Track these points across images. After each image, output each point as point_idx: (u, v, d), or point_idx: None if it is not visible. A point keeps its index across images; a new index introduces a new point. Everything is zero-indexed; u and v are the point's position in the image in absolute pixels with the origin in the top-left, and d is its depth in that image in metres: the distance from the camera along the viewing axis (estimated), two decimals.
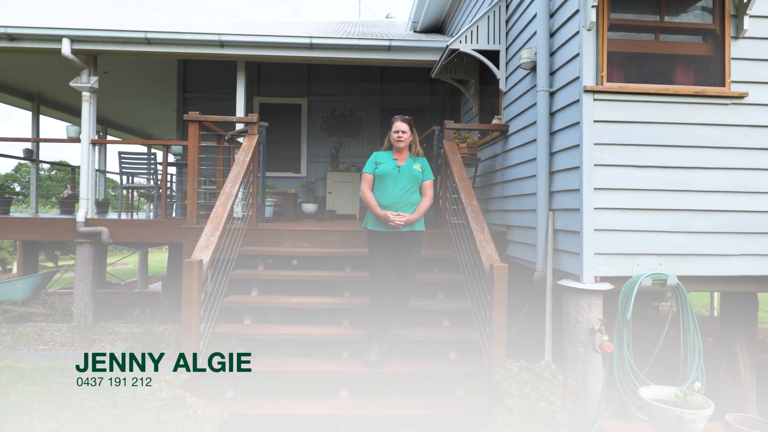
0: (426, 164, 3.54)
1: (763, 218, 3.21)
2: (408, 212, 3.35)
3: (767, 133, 3.20)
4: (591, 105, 3.13)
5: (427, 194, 3.47)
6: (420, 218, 3.42)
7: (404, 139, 3.45)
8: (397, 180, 3.37)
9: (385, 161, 3.45)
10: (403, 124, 3.46)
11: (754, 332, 4.02)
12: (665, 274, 3.10)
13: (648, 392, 2.73)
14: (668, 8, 3.27)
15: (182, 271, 2.95)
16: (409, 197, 3.39)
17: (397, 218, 3.29)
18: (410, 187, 3.39)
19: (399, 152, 3.50)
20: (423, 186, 3.48)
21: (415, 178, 3.41)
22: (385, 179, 3.39)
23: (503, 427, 2.56)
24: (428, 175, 3.52)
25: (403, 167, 3.42)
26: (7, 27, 5.63)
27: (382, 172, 3.41)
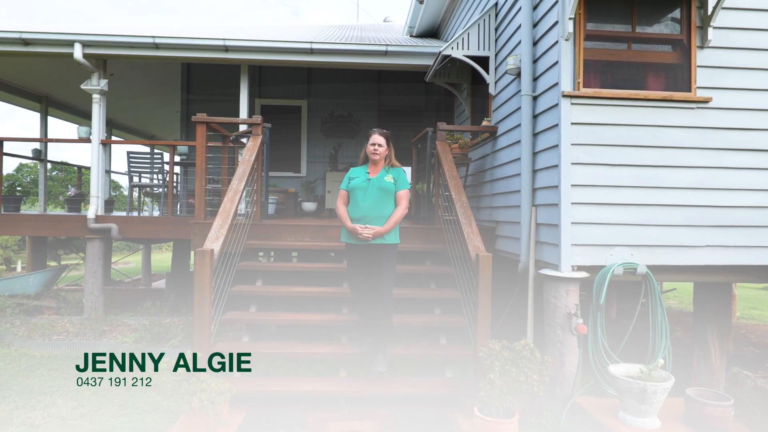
0: (401, 174, 3.49)
1: (725, 212, 3.51)
2: (377, 225, 3.34)
3: (729, 134, 3.50)
4: (569, 108, 3.42)
5: (401, 204, 3.43)
6: (392, 230, 3.39)
7: (380, 153, 3.43)
8: (367, 193, 3.37)
9: (358, 175, 3.47)
10: (380, 138, 3.45)
11: (726, 321, 4.31)
12: (635, 263, 3.39)
13: (617, 369, 3.02)
14: (640, 20, 3.56)
15: (194, 260, 3.24)
16: (378, 210, 3.36)
17: (364, 231, 3.29)
18: (380, 200, 3.37)
19: (374, 165, 3.50)
20: (397, 196, 3.44)
21: (384, 190, 3.38)
22: (356, 193, 3.40)
23: (485, 399, 2.84)
24: (402, 184, 3.46)
25: (374, 180, 3.41)
26: (22, 32, 5.92)
27: (353, 186, 3.42)
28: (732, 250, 3.53)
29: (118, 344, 5.11)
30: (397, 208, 3.43)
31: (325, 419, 3.17)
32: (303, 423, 3.12)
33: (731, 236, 3.52)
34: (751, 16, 3.53)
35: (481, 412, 2.84)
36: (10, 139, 6.62)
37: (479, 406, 2.88)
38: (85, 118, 10.90)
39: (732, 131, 3.51)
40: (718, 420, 2.75)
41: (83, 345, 5.11)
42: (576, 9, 3.40)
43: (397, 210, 3.42)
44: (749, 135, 3.52)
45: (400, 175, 3.49)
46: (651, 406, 2.81)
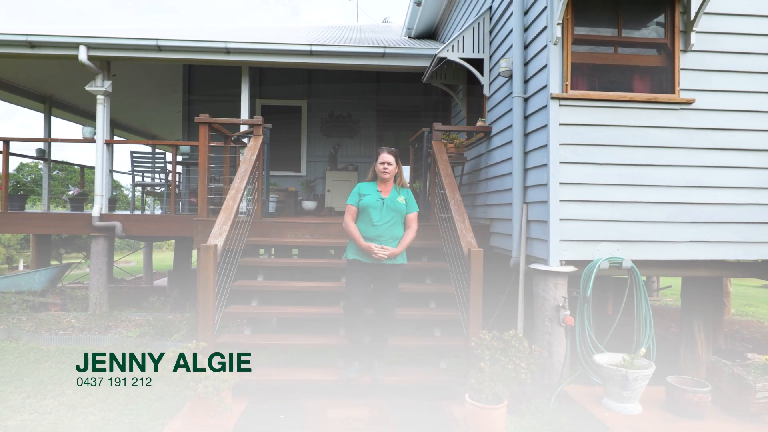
0: (410, 196, 3.53)
1: (706, 209, 3.66)
2: (391, 245, 3.35)
3: (711, 134, 3.65)
4: (557, 110, 3.57)
5: (411, 227, 3.46)
6: (403, 251, 3.42)
7: (389, 171, 3.42)
8: (382, 212, 3.37)
9: (369, 193, 3.44)
10: (390, 156, 3.44)
11: (711, 315, 4.46)
12: (621, 258, 3.54)
13: (602, 358, 3.18)
14: (625, 24, 3.71)
15: (199, 255, 3.38)
16: (393, 230, 3.38)
17: (381, 251, 3.29)
18: (394, 220, 3.39)
19: (384, 183, 3.48)
20: (407, 218, 3.47)
21: (398, 211, 3.40)
22: (369, 211, 3.37)
23: (476, 386, 2.99)
24: (412, 207, 3.49)
25: (387, 200, 3.41)
26: (28, 35, 6.06)
27: (366, 204, 3.38)
28: (714, 245, 3.68)
29: (122, 339, 5.25)
30: (409, 230, 3.45)
31: (323, 406, 3.32)
32: (303, 410, 3.28)
33: (713, 232, 3.66)
34: (732, 21, 3.68)
35: (472, 399, 2.99)
36: (17, 139, 6.77)
37: (470, 393, 3.03)
38: (88, 118, 11.05)
39: (714, 131, 3.66)
40: (697, 405, 2.90)
41: (89, 339, 5.26)
42: (564, 14, 3.55)
43: (408, 232, 3.44)
44: (730, 135, 3.67)
45: (410, 197, 3.51)
46: (633, 392, 2.96)
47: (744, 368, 3.05)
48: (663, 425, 2.82)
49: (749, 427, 2.83)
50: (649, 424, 2.83)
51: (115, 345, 5.16)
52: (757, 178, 3.68)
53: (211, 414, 2.96)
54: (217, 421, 3.01)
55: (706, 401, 2.92)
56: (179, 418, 3.17)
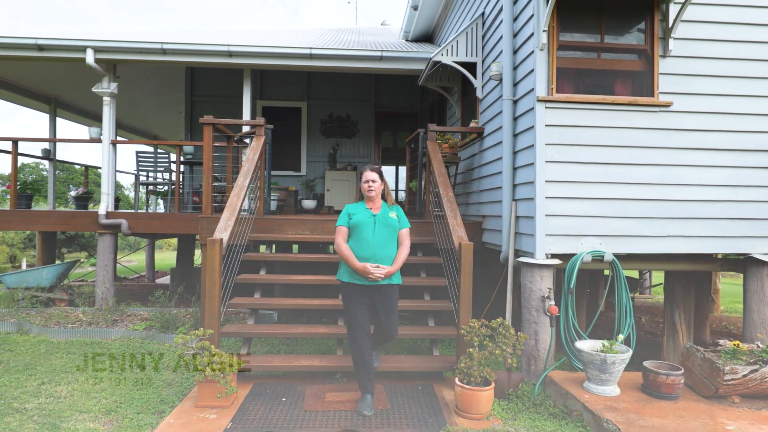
0: (401, 212, 3.43)
1: (684, 206, 3.88)
2: (386, 264, 3.21)
3: (688, 135, 3.87)
4: (543, 112, 3.79)
5: (405, 243, 3.33)
6: (398, 270, 3.29)
7: (375, 189, 3.33)
8: (375, 230, 3.24)
9: (359, 212, 3.33)
10: (373, 173, 3.36)
11: (692, 306, 4.67)
12: (603, 251, 3.76)
13: (583, 344, 3.39)
14: (608, 31, 3.93)
15: (204, 249, 3.60)
16: (387, 248, 3.25)
17: (377, 271, 3.14)
18: (388, 237, 3.27)
19: (371, 201, 3.38)
20: (400, 235, 3.34)
21: (391, 227, 3.29)
22: (361, 229, 3.24)
23: (465, 370, 3.21)
24: (404, 222, 3.39)
25: (379, 216, 3.29)
26: (37, 38, 6.27)
27: (357, 222, 3.26)
28: (691, 240, 3.90)
29: (129, 332, 5.45)
30: (402, 247, 3.32)
31: (322, 390, 3.54)
32: (303, 393, 3.49)
33: (690, 227, 3.88)
34: (708, 28, 3.89)
35: (461, 382, 3.20)
36: (25, 139, 6.97)
37: (459, 377, 3.24)
38: (91, 119, 11.26)
39: (691, 132, 3.88)
40: (670, 387, 3.12)
41: (97, 332, 5.46)
42: (549, 22, 3.77)
43: (402, 249, 3.31)
44: (706, 135, 3.89)
45: (401, 213, 3.42)
46: (611, 375, 3.17)
47: (715, 353, 3.27)
48: (637, 405, 3.03)
49: (717, 406, 3.04)
50: (625, 404, 3.05)
51: (122, 337, 5.36)
52: (732, 177, 3.90)
53: (217, 396, 3.17)
54: (224, 403, 3.22)
55: (679, 383, 3.13)
56: (188, 400, 3.38)
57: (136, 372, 4.17)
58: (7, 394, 3.58)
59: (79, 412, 3.26)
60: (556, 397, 3.41)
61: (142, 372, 4.18)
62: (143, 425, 3.03)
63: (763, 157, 3.92)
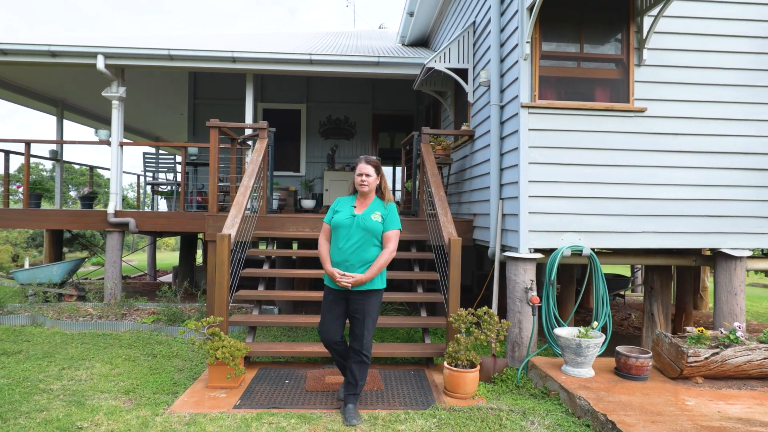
0: (392, 211, 3.09)
1: (658, 204, 4.18)
2: (360, 270, 2.96)
3: (660, 138, 4.18)
4: (526, 117, 4.09)
5: (388, 247, 3.02)
6: (377, 276, 3.02)
7: (368, 183, 3.02)
8: (350, 233, 2.99)
9: (343, 209, 3.08)
10: (368, 167, 3.05)
11: (669, 298, 4.98)
12: (581, 246, 4.06)
13: (561, 331, 3.69)
14: (587, 41, 4.23)
15: (211, 244, 3.89)
16: (361, 254, 2.97)
17: (343, 279, 2.93)
18: (363, 242, 2.97)
19: (363, 197, 3.10)
20: (384, 237, 3.04)
21: (369, 231, 2.98)
22: (338, 231, 3.02)
23: (453, 354, 3.51)
24: (391, 224, 3.05)
25: (359, 218, 3.00)
26: (50, 45, 6.56)
27: (336, 222, 3.03)
28: (664, 236, 4.20)
29: (138, 324, 5.74)
30: (383, 251, 3.02)
31: (322, 374, 3.84)
32: (304, 376, 3.79)
33: (663, 224, 4.19)
34: (679, 39, 4.20)
35: (449, 365, 3.50)
36: (38, 141, 7.25)
37: (447, 361, 3.54)
38: (96, 120, 11.56)
39: (663, 136, 4.19)
40: (639, 369, 3.42)
41: (108, 325, 5.75)
42: (532, 33, 4.07)
43: (383, 253, 3.01)
44: (678, 139, 4.20)
45: (390, 213, 3.08)
46: (586, 358, 3.48)
47: (682, 339, 3.58)
48: (609, 385, 3.34)
49: (681, 386, 3.35)
50: (597, 384, 3.35)
51: (131, 330, 5.65)
52: (702, 177, 4.21)
53: (227, 377, 3.47)
54: (232, 384, 3.52)
55: (647, 366, 3.44)
56: (199, 382, 3.68)
57: (149, 359, 4.46)
58: (32, 377, 3.87)
59: (100, 392, 3.56)
60: (537, 380, 3.71)
61: (154, 359, 4.47)
62: (160, 403, 3.33)
63: (730, 158, 4.23)
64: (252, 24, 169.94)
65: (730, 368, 3.40)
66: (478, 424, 2.96)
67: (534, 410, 3.19)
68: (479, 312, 3.66)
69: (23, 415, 3.11)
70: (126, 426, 2.93)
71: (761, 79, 4.24)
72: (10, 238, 16.88)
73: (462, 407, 3.23)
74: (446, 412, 3.14)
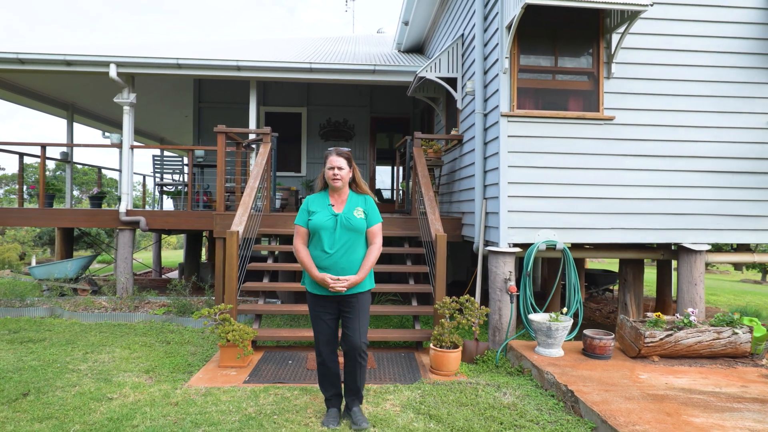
0: (371, 205, 2.94)
1: (626, 203, 4.62)
2: (351, 273, 2.80)
3: (627, 144, 4.61)
4: (506, 125, 4.52)
5: (375, 243, 2.89)
6: (366, 276, 2.87)
7: (341, 177, 2.85)
8: (335, 235, 2.80)
9: (319, 209, 2.86)
10: (340, 159, 2.87)
11: (641, 289, 5.42)
12: (555, 241, 4.50)
13: (535, 316, 4.13)
14: (561, 56, 4.67)
15: (220, 241, 4.32)
16: (351, 255, 2.81)
17: (337, 284, 2.74)
18: (352, 242, 2.82)
19: (336, 193, 2.91)
20: (369, 233, 2.89)
21: (356, 231, 2.83)
22: (320, 235, 2.80)
23: (438, 336, 3.94)
24: (374, 218, 2.90)
25: (341, 217, 2.82)
26: (66, 54, 6.99)
27: (316, 225, 2.80)
28: (632, 231, 4.64)
29: (150, 316, 6.17)
30: (371, 247, 2.89)
31: None
32: (305, 357, 4.23)
33: (630, 221, 4.62)
34: (643, 54, 4.63)
35: (435, 346, 3.94)
36: (53, 144, 7.69)
37: (433, 343, 3.98)
38: (104, 123, 11.99)
39: (630, 141, 4.62)
40: (602, 348, 3.86)
41: (122, 316, 6.18)
42: (511, 49, 4.50)
43: (371, 250, 2.88)
44: (643, 144, 4.63)
45: (370, 207, 2.93)
46: (555, 339, 3.92)
47: (641, 323, 4.02)
48: (574, 362, 3.78)
49: (639, 363, 3.78)
50: (564, 362, 3.79)
51: (144, 321, 6.08)
52: (665, 179, 4.65)
53: (237, 357, 3.91)
54: (241, 363, 3.96)
55: (609, 346, 3.88)
56: (211, 362, 4.12)
57: (163, 345, 4.90)
58: (60, 360, 4.31)
59: (123, 371, 3.99)
60: (514, 360, 4.15)
61: (168, 345, 4.91)
62: (177, 379, 3.77)
63: (691, 162, 4.67)
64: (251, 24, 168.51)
65: (683, 348, 3.84)
66: (457, 394, 3.40)
67: (507, 384, 3.63)
68: (462, 299, 4.10)
69: (59, 389, 3.54)
70: (150, 397, 3.36)
71: (720, 90, 4.68)
72: (18, 237, 17.33)
73: (444, 382, 3.67)
74: (430, 386, 3.58)
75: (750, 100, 4.69)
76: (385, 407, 3.16)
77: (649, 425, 2.63)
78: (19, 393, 3.40)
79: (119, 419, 2.93)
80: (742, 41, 4.67)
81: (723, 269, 20.56)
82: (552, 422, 2.94)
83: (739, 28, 4.67)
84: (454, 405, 3.20)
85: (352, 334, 2.84)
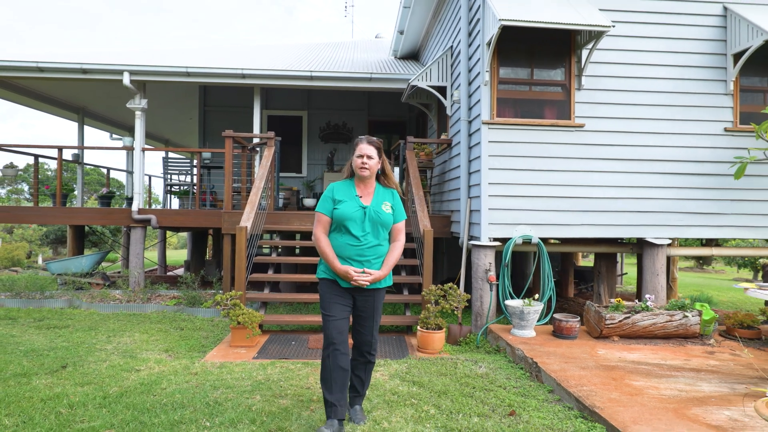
0: (398, 200, 2.81)
1: (594, 201, 5.13)
2: (375, 267, 2.68)
3: (596, 148, 5.13)
4: (487, 131, 5.04)
5: (398, 240, 2.78)
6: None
7: (370, 167, 2.68)
8: (364, 227, 2.66)
9: (346, 198, 2.69)
10: (370, 147, 2.69)
11: (614, 281, 5.94)
12: (531, 236, 5.02)
13: (511, 302, 4.65)
14: (537, 68, 5.18)
15: (229, 236, 4.82)
16: (379, 249, 2.69)
17: (361, 278, 2.61)
18: (380, 236, 2.70)
19: (363, 183, 2.74)
20: (394, 229, 2.77)
21: (384, 224, 2.69)
22: (346, 225, 2.65)
23: (424, 320, 4.46)
24: (400, 214, 2.79)
25: (370, 210, 2.67)
26: (82, 63, 7.50)
27: (342, 215, 2.64)
28: (600, 227, 5.16)
29: (162, 307, 6.68)
30: (395, 244, 2.77)
31: (319, 337, 4.79)
32: (307, 339, 4.75)
33: (599, 218, 5.14)
34: (610, 68, 5.14)
35: (421, 328, 4.45)
36: (69, 147, 8.20)
37: (420, 325, 4.49)
38: (113, 125, 12.49)
39: (598, 146, 5.14)
40: (569, 330, 4.38)
41: (136, 307, 6.68)
42: (491, 63, 5.02)
43: (396, 247, 2.76)
44: (609, 149, 5.15)
45: (397, 202, 2.80)
46: (527, 322, 4.43)
47: (605, 308, 4.53)
48: (543, 341, 4.29)
49: (600, 342, 4.30)
50: (535, 341, 4.30)
51: (157, 311, 6.58)
52: (629, 180, 5.16)
53: (246, 337, 4.42)
54: (250, 343, 4.47)
55: (576, 327, 4.39)
56: (223, 343, 4.63)
57: (178, 331, 5.41)
58: (87, 342, 4.82)
59: (145, 350, 4.51)
60: (492, 341, 4.67)
61: (182, 331, 5.41)
62: (194, 356, 4.28)
63: (652, 164, 5.18)
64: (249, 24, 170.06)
65: (639, 329, 4.35)
66: (438, 366, 3.91)
67: (484, 359, 4.14)
68: (446, 287, 4.62)
69: (91, 363, 4.05)
70: (173, 368, 3.87)
71: (679, 100, 5.20)
72: (26, 236, 17.84)
73: (429, 358, 4.19)
74: (416, 361, 4.09)
75: (706, 109, 5.21)
76: (375, 376, 3.67)
77: (594, 386, 3.14)
78: (58, 366, 3.92)
79: (149, 384, 3.45)
80: (698, 56, 5.19)
81: (718, 269, 21.01)
82: (517, 387, 3.45)
83: (696, 44, 5.19)
84: (435, 375, 3.72)
85: (366, 330, 2.75)
